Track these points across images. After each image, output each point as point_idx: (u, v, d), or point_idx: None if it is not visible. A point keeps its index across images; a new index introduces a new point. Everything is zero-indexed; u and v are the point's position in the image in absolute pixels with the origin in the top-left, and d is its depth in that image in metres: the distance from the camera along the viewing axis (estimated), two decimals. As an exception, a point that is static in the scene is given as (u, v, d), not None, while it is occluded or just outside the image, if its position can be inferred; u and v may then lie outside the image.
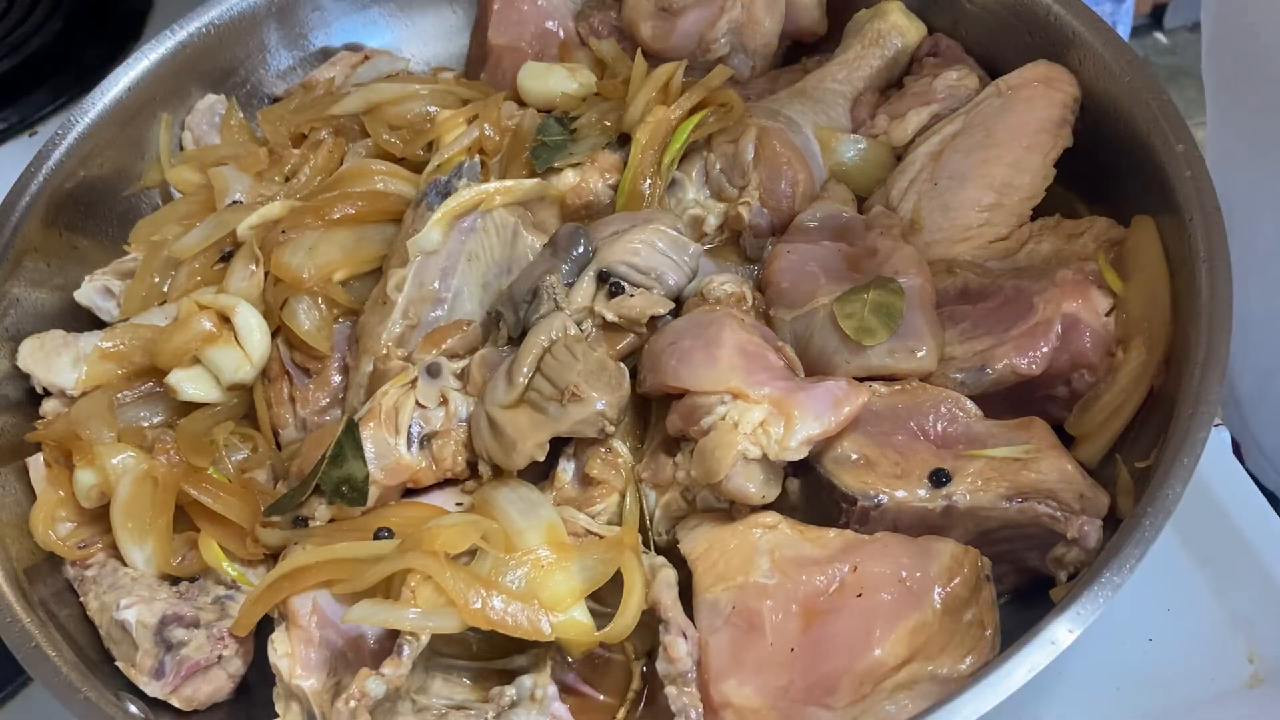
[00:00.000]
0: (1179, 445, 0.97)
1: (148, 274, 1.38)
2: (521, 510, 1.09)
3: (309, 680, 1.06)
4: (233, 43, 1.60)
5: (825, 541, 1.04)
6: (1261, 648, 1.17)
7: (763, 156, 1.33)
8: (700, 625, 1.03)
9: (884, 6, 1.50)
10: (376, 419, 1.17)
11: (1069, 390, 1.15)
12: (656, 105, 1.36)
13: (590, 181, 1.35)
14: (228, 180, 1.45)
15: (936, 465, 1.06)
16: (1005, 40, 1.41)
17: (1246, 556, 1.21)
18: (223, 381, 1.26)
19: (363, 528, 1.12)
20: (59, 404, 1.30)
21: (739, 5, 1.51)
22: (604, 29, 1.60)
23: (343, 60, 1.65)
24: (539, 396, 1.12)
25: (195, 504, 1.18)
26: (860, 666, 0.95)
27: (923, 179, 1.31)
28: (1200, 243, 1.09)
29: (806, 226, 1.29)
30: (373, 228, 1.34)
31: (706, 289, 1.23)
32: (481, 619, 0.97)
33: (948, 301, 1.23)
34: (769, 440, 1.04)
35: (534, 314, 1.18)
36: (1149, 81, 1.22)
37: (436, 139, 1.44)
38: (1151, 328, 1.11)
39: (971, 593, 0.99)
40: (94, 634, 1.17)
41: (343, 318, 1.32)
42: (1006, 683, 0.88)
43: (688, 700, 0.99)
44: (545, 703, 1.00)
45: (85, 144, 1.45)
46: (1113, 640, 1.18)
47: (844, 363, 1.14)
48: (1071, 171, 1.29)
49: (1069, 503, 1.03)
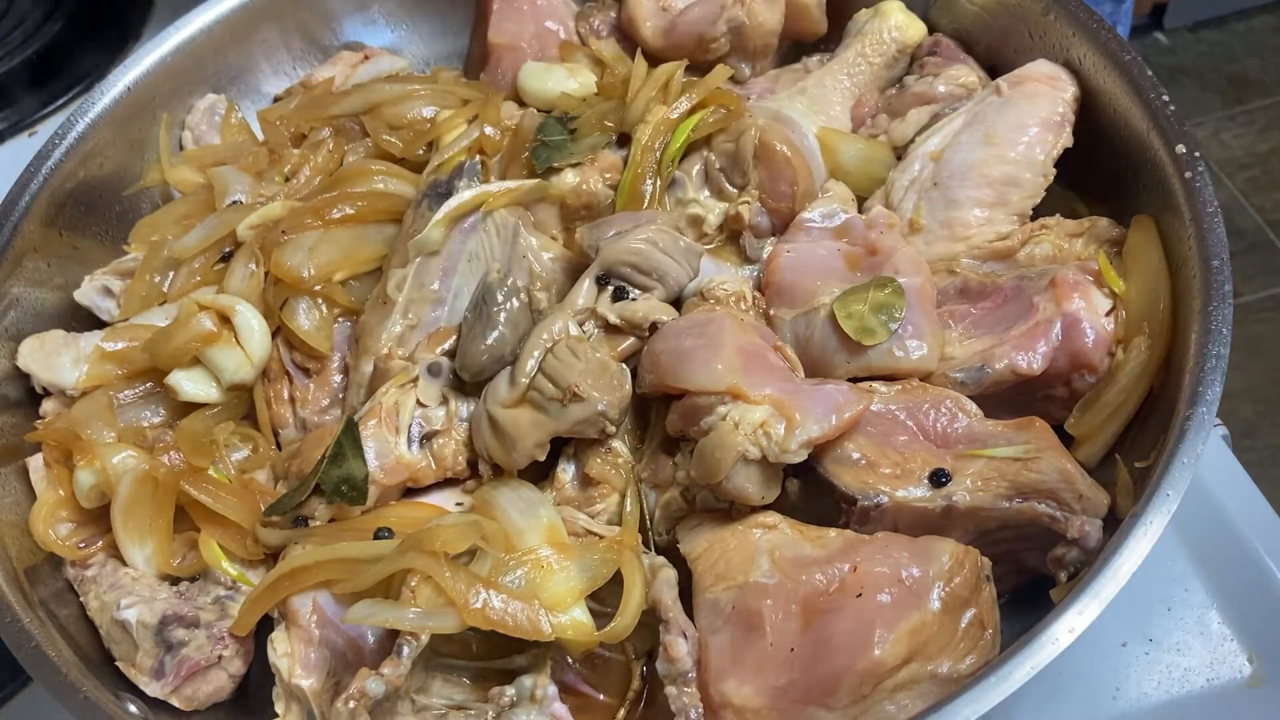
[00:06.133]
0: (1179, 445, 0.97)
1: (148, 274, 1.38)
2: (521, 510, 1.09)
3: (309, 680, 1.06)
4: (233, 43, 1.61)
5: (825, 541, 1.04)
6: (1261, 648, 1.17)
7: (763, 156, 1.33)
8: (700, 625, 1.03)
9: (884, 6, 1.50)
10: (377, 418, 1.17)
11: (1069, 390, 1.15)
12: (656, 105, 1.36)
13: (590, 181, 1.35)
14: (228, 180, 1.45)
15: (936, 465, 1.06)
16: (1005, 40, 1.42)
17: (1246, 556, 1.21)
18: (223, 381, 1.26)
19: (363, 528, 1.12)
20: (59, 404, 1.30)
21: (739, 5, 1.51)
22: (604, 29, 1.60)
23: (343, 60, 1.65)
24: (540, 396, 1.12)
25: (195, 504, 1.18)
26: (860, 666, 0.95)
27: (923, 178, 1.31)
28: (1200, 243, 1.09)
29: (806, 226, 1.29)
30: (373, 228, 1.34)
31: (706, 289, 1.23)
32: (481, 619, 0.97)
33: (948, 301, 1.23)
34: (769, 442, 1.04)
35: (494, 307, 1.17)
36: (1149, 81, 1.22)
37: (436, 139, 1.44)
38: (1151, 328, 1.12)
39: (971, 593, 0.99)
40: (94, 634, 1.17)
41: (343, 318, 1.32)
42: (1006, 683, 0.88)
43: (688, 700, 0.99)
44: (545, 703, 1.00)
45: (85, 144, 1.45)
46: (1113, 640, 1.18)
47: (844, 362, 1.15)
48: (1071, 171, 1.29)
49: (1069, 503, 1.03)
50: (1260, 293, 3.34)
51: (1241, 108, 3.81)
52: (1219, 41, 4.00)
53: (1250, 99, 3.83)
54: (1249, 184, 3.60)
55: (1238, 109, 3.81)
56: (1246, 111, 3.80)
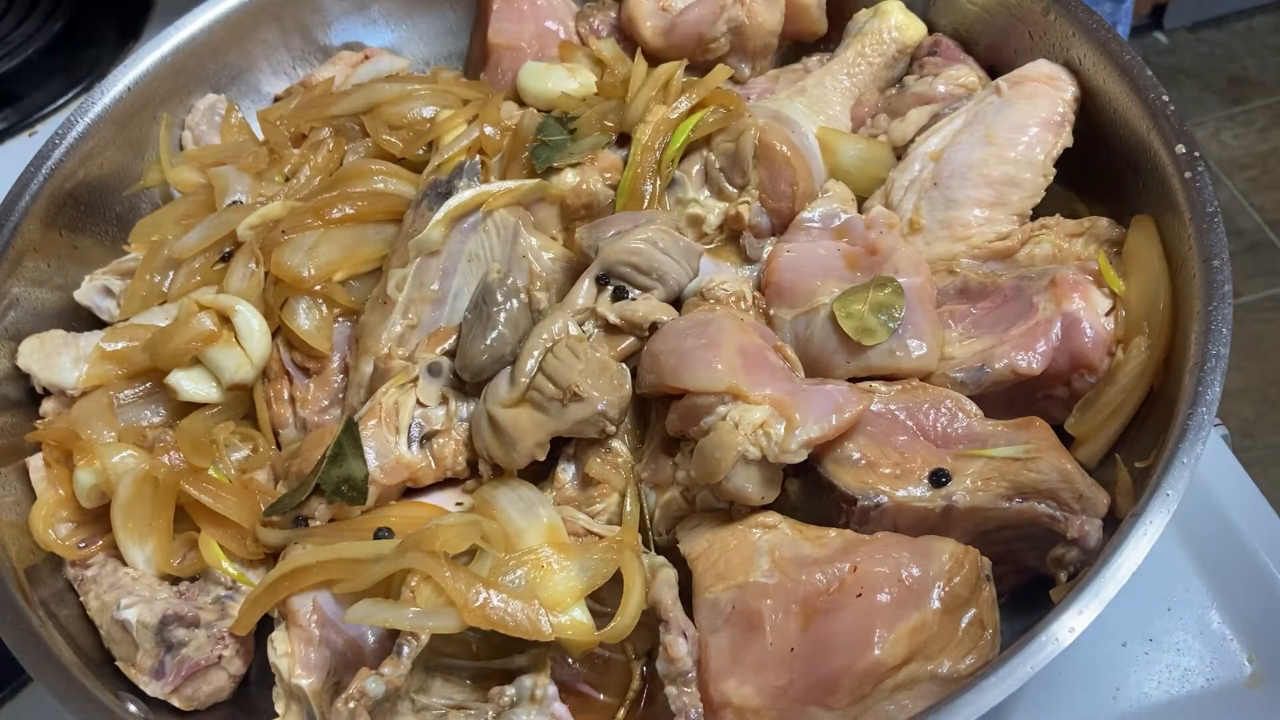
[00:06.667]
0: (1179, 445, 0.97)
1: (148, 274, 1.38)
2: (521, 510, 1.09)
3: (308, 680, 1.06)
4: (233, 43, 1.61)
5: (825, 541, 1.04)
6: (1261, 648, 1.17)
7: (763, 156, 1.33)
8: (700, 625, 1.03)
9: (884, 6, 1.50)
10: (377, 418, 1.17)
11: (1069, 390, 1.15)
12: (656, 105, 1.36)
13: (590, 181, 1.35)
14: (228, 180, 1.45)
15: (936, 465, 1.06)
16: (1005, 40, 1.42)
17: (1246, 556, 1.21)
18: (223, 381, 1.26)
19: (363, 528, 1.12)
20: (59, 404, 1.30)
21: (739, 5, 1.51)
22: (604, 29, 1.60)
23: (343, 60, 1.65)
24: (540, 396, 1.12)
25: (195, 504, 1.18)
26: (860, 666, 0.95)
27: (923, 178, 1.31)
28: (1200, 243, 1.09)
29: (806, 226, 1.29)
30: (373, 228, 1.34)
31: (706, 289, 1.23)
32: (481, 619, 0.97)
33: (948, 301, 1.23)
34: (769, 442, 1.04)
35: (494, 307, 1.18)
36: (1149, 81, 1.22)
37: (436, 139, 1.44)
38: (1151, 328, 1.11)
39: (971, 593, 0.99)
40: (94, 634, 1.17)
41: (343, 318, 1.32)
42: (1006, 683, 0.88)
43: (688, 700, 0.99)
44: (545, 703, 1.00)
45: (85, 144, 1.45)
46: (1113, 640, 1.18)
47: (844, 362, 1.14)
48: (1071, 171, 1.29)
49: (1069, 503, 1.03)
50: (1260, 293, 3.34)
51: (1241, 108, 3.81)
52: (1219, 41, 4.00)
53: (1250, 99, 3.83)
54: (1249, 184, 3.60)
55: (1238, 109, 3.81)
56: (1246, 111, 3.80)
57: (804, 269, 1.23)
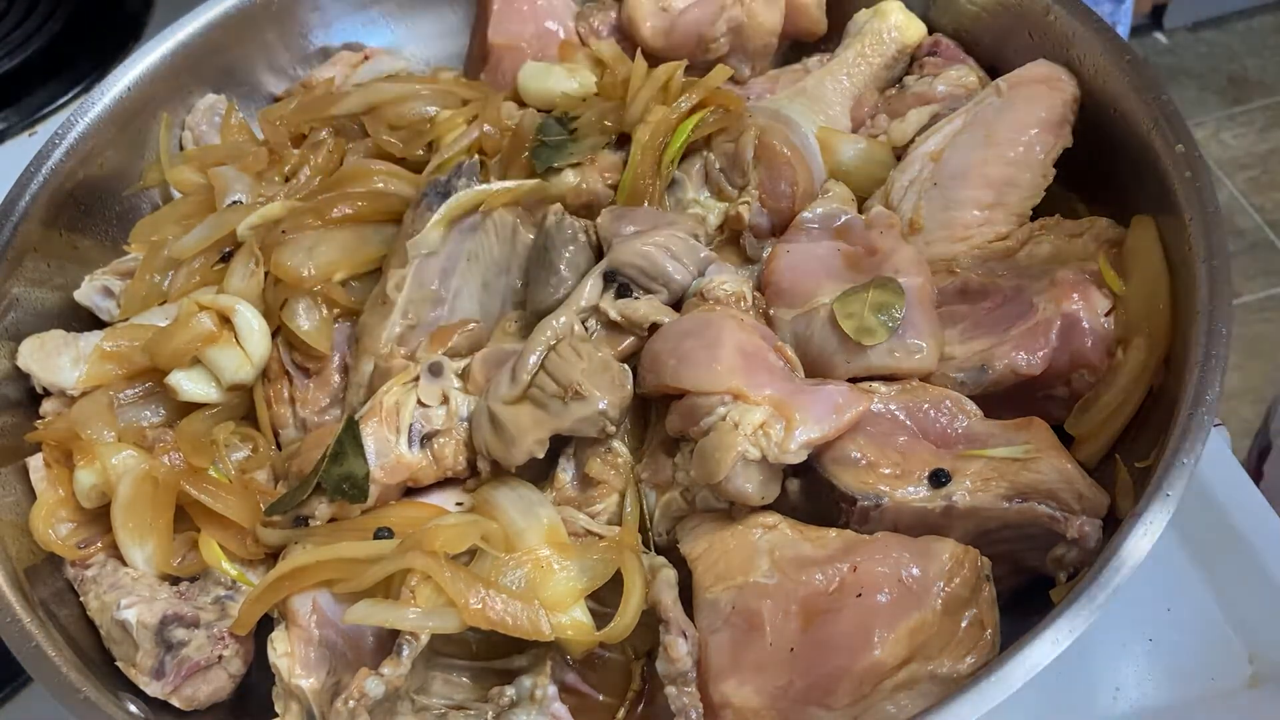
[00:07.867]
0: (1179, 445, 0.97)
1: (148, 274, 1.38)
2: (521, 510, 1.09)
3: (308, 680, 1.06)
4: (233, 43, 1.60)
5: (825, 541, 1.04)
6: (1261, 648, 1.17)
7: (763, 156, 1.33)
8: (700, 625, 1.03)
9: (884, 6, 1.50)
10: (378, 417, 1.17)
11: (1069, 390, 1.15)
12: (656, 105, 1.36)
13: (590, 181, 1.35)
14: (228, 180, 1.45)
15: (936, 465, 1.06)
16: (1005, 40, 1.41)
17: (1246, 556, 1.22)
18: (223, 381, 1.26)
19: (363, 527, 1.12)
20: (59, 404, 1.30)
21: (739, 4, 1.51)
22: (604, 29, 1.59)
23: (343, 60, 1.65)
24: (541, 393, 1.12)
25: (195, 504, 1.18)
26: (860, 666, 0.95)
27: (923, 178, 1.31)
28: (1200, 243, 1.09)
29: (806, 226, 1.29)
30: (372, 228, 1.34)
31: (706, 289, 1.23)
32: (481, 619, 0.97)
33: (948, 301, 1.23)
34: (769, 442, 1.04)
35: (555, 254, 1.23)
36: (1149, 81, 1.22)
37: (436, 139, 1.44)
38: (1151, 328, 1.11)
39: (971, 593, 0.99)
40: (94, 634, 1.17)
41: (343, 318, 1.32)
42: (1006, 683, 0.88)
43: (688, 700, 0.99)
44: (545, 703, 1.00)
45: (85, 144, 1.45)
46: (1113, 640, 1.18)
47: (844, 362, 1.14)
48: (1071, 171, 1.29)
49: (1069, 503, 1.03)
50: (1260, 293, 3.34)
51: (1241, 108, 3.82)
52: (1219, 41, 4.00)
53: (1250, 99, 3.83)
54: (1249, 184, 3.60)
55: (1238, 109, 3.81)
56: (1246, 111, 3.80)
57: (804, 269, 1.23)
